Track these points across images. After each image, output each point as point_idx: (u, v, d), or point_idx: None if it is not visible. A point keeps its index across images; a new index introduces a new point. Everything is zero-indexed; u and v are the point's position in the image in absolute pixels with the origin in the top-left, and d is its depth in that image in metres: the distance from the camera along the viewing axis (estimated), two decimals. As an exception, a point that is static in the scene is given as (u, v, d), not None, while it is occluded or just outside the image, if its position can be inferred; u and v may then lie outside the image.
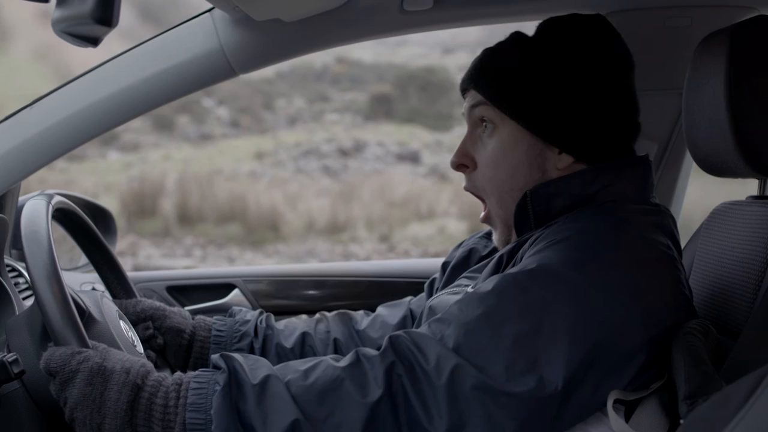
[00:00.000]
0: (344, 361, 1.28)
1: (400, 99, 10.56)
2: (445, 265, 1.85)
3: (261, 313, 1.85)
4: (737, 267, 1.50)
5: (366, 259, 7.69)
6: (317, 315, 1.89)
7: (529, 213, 1.49)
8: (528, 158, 1.50)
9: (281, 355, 1.76)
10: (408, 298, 1.92)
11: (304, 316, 1.89)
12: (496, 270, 1.48)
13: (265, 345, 1.78)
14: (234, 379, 1.25)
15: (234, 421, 1.21)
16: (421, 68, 10.64)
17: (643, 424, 1.21)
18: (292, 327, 1.83)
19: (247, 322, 1.81)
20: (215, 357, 1.31)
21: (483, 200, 1.59)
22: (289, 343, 1.78)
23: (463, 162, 1.58)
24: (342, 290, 2.56)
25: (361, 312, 1.90)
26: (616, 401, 1.21)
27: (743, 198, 1.62)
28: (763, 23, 1.46)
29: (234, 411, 1.22)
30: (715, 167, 1.53)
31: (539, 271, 1.29)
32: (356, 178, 9.54)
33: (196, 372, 1.31)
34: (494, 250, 1.71)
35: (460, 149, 1.59)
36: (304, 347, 1.78)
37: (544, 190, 1.48)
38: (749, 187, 1.63)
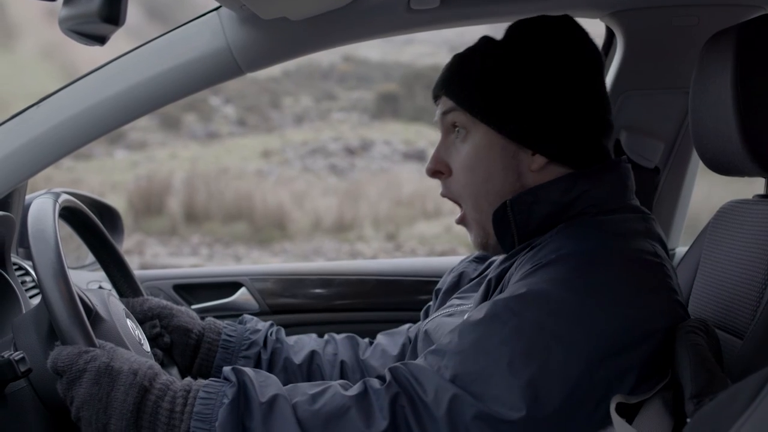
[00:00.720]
0: (352, 390, 1.28)
1: (406, 97, 10.58)
2: (437, 292, 1.86)
3: (272, 326, 1.85)
4: (744, 266, 1.50)
5: (373, 258, 7.70)
6: (326, 336, 1.89)
7: (510, 222, 1.48)
8: (502, 161, 1.49)
9: (288, 369, 1.77)
10: (406, 326, 1.92)
11: (314, 335, 1.88)
12: (486, 295, 1.48)
13: (273, 357, 1.78)
14: (243, 394, 1.26)
15: None
16: (428, 67, 10.64)
17: (647, 424, 1.21)
18: (301, 344, 1.83)
19: (258, 331, 1.81)
20: (226, 369, 1.31)
21: (459, 204, 1.59)
22: (297, 359, 1.78)
23: (438, 168, 1.57)
24: (348, 289, 2.56)
25: (366, 340, 1.90)
26: (619, 405, 1.20)
27: (750, 197, 1.62)
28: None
29: (239, 426, 1.23)
30: (721, 166, 1.53)
31: (529, 294, 1.29)
32: (363, 177, 9.56)
33: (206, 381, 1.31)
34: (483, 272, 1.72)
35: (434, 156, 1.58)
36: (311, 366, 1.78)
37: (523, 198, 1.47)
38: (755, 186, 1.63)
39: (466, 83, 1.51)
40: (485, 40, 1.55)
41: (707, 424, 0.87)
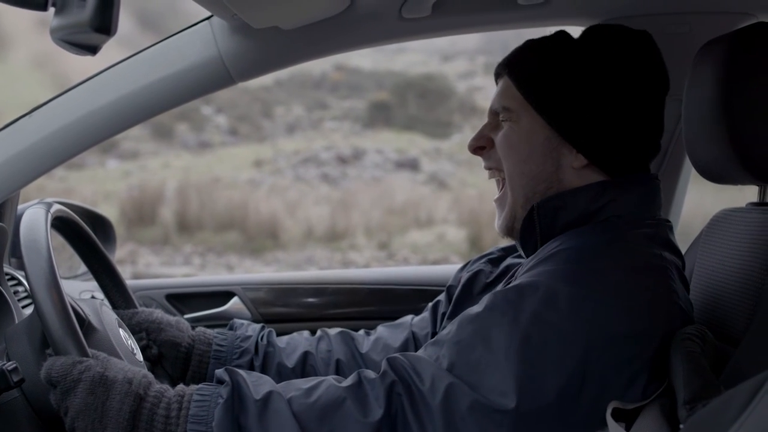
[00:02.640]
0: (346, 382, 1.29)
1: (398, 106, 10.59)
2: (450, 289, 1.85)
3: (263, 328, 1.85)
4: (737, 274, 1.50)
5: (365, 267, 7.69)
6: (318, 332, 1.88)
7: (536, 225, 1.49)
8: (544, 149, 1.50)
9: (282, 374, 1.76)
10: (409, 317, 1.92)
11: (306, 333, 1.88)
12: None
13: (265, 362, 1.77)
14: (237, 393, 1.26)
15: None
16: (420, 75, 10.66)
17: (644, 431, 1.21)
18: (293, 345, 1.82)
19: (248, 338, 1.80)
20: (219, 371, 1.32)
21: (501, 179, 1.59)
22: (290, 362, 1.77)
23: (480, 144, 1.59)
24: (341, 298, 2.56)
25: (362, 332, 1.90)
26: (615, 410, 1.21)
27: (743, 205, 1.62)
28: (762, 30, 1.46)
29: (235, 425, 1.23)
30: (714, 174, 1.53)
31: (528, 285, 1.30)
32: (355, 186, 9.56)
33: (200, 385, 1.31)
34: (498, 276, 1.72)
35: (478, 133, 1.60)
36: (305, 367, 1.78)
37: (551, 203, 1.48)
38: (747, 193, 1.63)
39: (529, 67, 1.53)
40: (562, 34, 1.56)
41: (700, 430, 0.87)
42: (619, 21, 1.91)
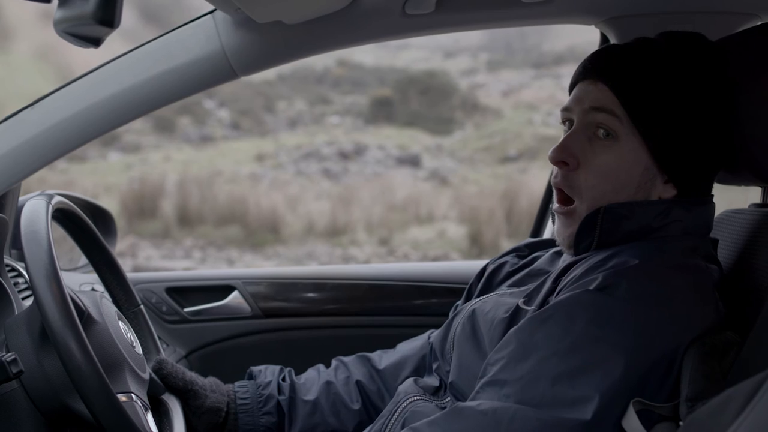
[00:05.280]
0: None
1: (400, 102, 10.60)
2: (471, 287, 1.83)
3: (282, 371, 1.87)
4: (740, 275, 1.50)
5: (365, 262, 7.70)
6: (334, 362, 1.90)
7: (596, 228, 1.44)
8: (640, 180, 1.44)
9: (309, 406, 1.79)
10: (428, 333, 1.92)
11: (321, 366, 1.91)
12: (545, 292, 1.47)
13: (291, 400, 1.80)
14: None
15: None
16: (423, 72, 10.67)
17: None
18: (312, 378, 1.85)
19: (269, 384, 1.82)
20: None
21: (571, 199, 1.50)
22: (313, 394, 1.80)
23: (565, 159, 1.46)
24: (341, 293, 2.56)
25: (378, 352, 1.92)
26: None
27: (745, 206, 1.62)
28: (766, 31, 1.46)
29: None
30: (718, 174, 1.53)
31: (584, 308, 1.30)
32: (356, 181, 9.57)
33: None
34: (523, 266, 1.73)
35: (564, 145, 1.47)
36: (329, 395, 1.80)
37: (618, 210, 1.43)
38: (751, 194, 1.63)
39: (640, 84, 1.43)
40: (651, 44, 1.49)
41: (699, 428, 0.87)
42: (622, 19, 1.91)
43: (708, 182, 1.50)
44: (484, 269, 1.82)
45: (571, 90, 1.55)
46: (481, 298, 1.66)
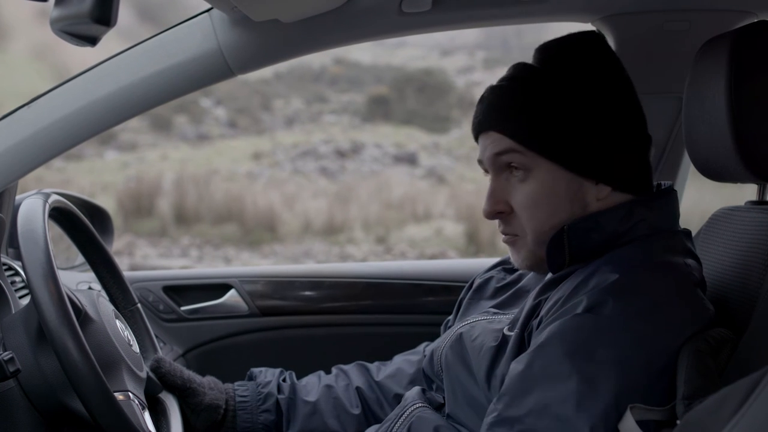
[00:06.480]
0: None
1: (397, 101, 10.59)
2: (461, 302, 1.84)
3: (282, 373, 1.90)
4: (736, 272, 1.50)
5: (363, 261, 7.70)
6: (334, 369, 1.93)
7: (565, 248, 1.46)
8: (568, 194, 1.47)
9: (308, 407, 1.81)
10: (423, 345, 1.95)
11: (321, 372, 1.94)
12: (524, 321, 1.47)
13: (291, 399, 1.82)
14: None
15: None
16: (419, 70, 10.66)
17: None
18: (312, 382, 1.88)
19: (269, 383, 1.85)
20: None
21: (516, 235, 1.55)
22: (312, 396, 1.82)
23: (498, 209, 1.52)
24: (338, 291, 2.56)
25: (376, 363, 1.94)
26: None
27: (741, 203, 1.62)
28: (764, 29, 1.46)
29: None
30: (714, 172, 1.53)
31: (581, 340, 1.31)
32: (353, 180, 9.56)
33: None
34: (511, 283, 1.74)
35: (492, 197, 1.52)
36: (329, 398, 1.82)
37: (581, 225, 1.46)
38: (746, 192, 1.64)
39: (523, 119, 1.47)
40: (523, 68, 1.53)
41: (696, 426, 0.87)
42: (618, 17, 1.91)
43: (640, 168, 1.51)
44: (472, 283, 1.83)
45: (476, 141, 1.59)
46: (468, 321, 1.67)
